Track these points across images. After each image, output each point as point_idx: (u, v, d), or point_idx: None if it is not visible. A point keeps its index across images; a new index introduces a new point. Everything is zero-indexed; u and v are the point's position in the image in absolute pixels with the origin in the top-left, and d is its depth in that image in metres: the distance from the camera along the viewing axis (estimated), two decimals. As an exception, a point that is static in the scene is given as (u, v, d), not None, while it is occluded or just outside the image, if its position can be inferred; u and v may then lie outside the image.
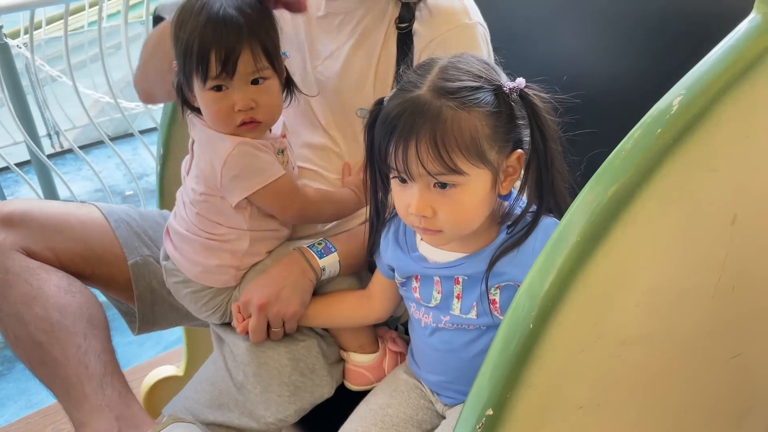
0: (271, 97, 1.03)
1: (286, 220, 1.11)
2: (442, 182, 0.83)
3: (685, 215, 0.76)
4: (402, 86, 0.86)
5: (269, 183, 1.04)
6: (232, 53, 0.97)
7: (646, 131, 0.70)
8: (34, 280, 1.12)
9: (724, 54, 0.71)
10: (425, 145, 0.80)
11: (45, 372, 1.11)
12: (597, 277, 0.72)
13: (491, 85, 0.84)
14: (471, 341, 0.94)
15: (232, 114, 1.01)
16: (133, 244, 1.22)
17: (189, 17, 0.99)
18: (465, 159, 0.81)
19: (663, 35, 1.06)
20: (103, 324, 1.16)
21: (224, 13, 0.97)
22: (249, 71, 1.00)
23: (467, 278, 0.92)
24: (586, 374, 0.78)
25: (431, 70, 0.85)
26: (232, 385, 1.07)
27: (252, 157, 1.03)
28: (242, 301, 1.07)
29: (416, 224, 0.87)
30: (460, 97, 0.82)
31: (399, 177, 0.85)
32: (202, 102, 1.03)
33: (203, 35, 0.97)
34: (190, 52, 0.98)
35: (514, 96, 0.84)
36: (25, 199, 1.34)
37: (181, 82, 1.04)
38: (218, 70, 0.98)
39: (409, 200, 0.85)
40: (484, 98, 0.83)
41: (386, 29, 1.12)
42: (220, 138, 1.04)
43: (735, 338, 0.88)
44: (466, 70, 0.84)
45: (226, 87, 1.00)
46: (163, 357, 2.10)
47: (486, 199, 0.86)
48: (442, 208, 0.84)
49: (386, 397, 1.04)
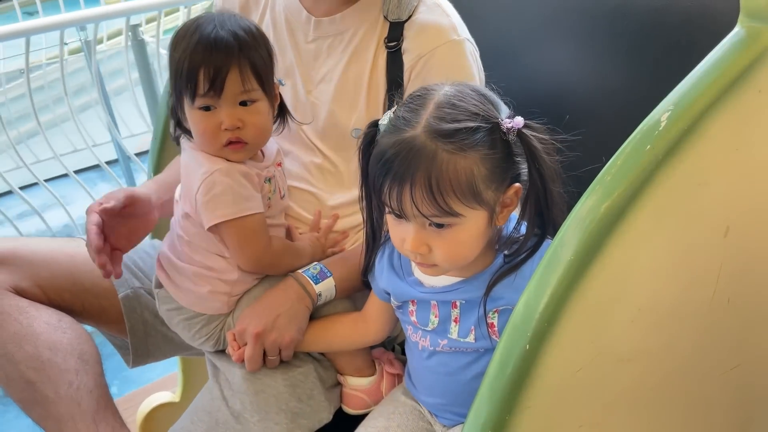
0: (259, 119, 1.03)
1: (239, 261, 1.07)
2: (438, 223, 0.82)
3: (678, 229, 0.76)
4: (396, 123, 0.84)
5: (236, 218, 1.03)
6: (220, 72, 0.97)
7: (636, 147, 0.71)
8: (24, 318, 1.11)
9: (710, 68, 0.71)
10: (420, 189, 0.79)
11: (37, 411, 1.10)
12: (592, 295, 0.72)
13: (488, 123, 0.82)
14: (469, 364, 0.94)
15: (219, 133, 1.01)
16: (123, 276, 1.21)
17: (183, 38, 1.00)
18: (460, 202, 0.81)
19: (650, 49, 1.07)
20: (95, 359, 1.15)
21: (216, 35, 0.98)
22: (237, 91, 0.99)
23: (465, 302, 0.91)
24: (584, 393, 0.77)
25: (426, 106, 0.83)
26: (229, 414, 1.05)
27: (226, 185, 1.02)
28: (238, 330, 1.06)
29: (411, 257, 0.87)
30: (457, 140, 0.80)
31: (394, 213, 0.85)
32: (190, 121, 1.03)
33: (194, 54, 0.98)
34: (181, 70, 0.99)
35: (512, 136, 0.82)
36: (11, 237, 1.34)
37: (174, 104, 1.04)
38: (206, 88, 0.98)
39: (405, 236, 0.85)
40: (481, 139, 0.81)
41: (375, 49, 1.12)
42: (200, 162, 1.03)
43: (733, 350, 0.88)
44: (463, 107, 0.82)
45: (214, 107, 1.00)
46: (159, 383, 2.09)
47: (483, 235, 0.86)
48: (438, 246, 0.84)
49: (384, 420, 1.03)
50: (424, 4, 1.12)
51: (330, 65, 1.15)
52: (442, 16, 1.11)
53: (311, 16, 1.15)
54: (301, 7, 1.16)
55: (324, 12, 1.15)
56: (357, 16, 1.13)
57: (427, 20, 1.10)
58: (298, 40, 1.17)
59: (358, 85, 1.13)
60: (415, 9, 1.11)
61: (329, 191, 1.17)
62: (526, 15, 1.28)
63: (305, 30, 1.16)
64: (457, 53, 1.09)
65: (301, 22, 1.17)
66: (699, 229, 0.77)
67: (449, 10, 1.13)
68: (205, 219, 1.04)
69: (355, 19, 1.13)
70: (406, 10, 1.11)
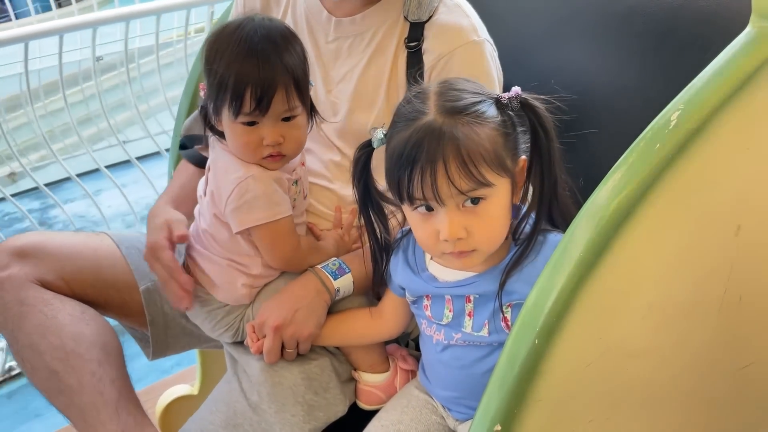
0: (299, 133, 1.05)
1: (270, 261, 1.10)
2: (474, 197, 0.84)
3: (688, 227, 0.76)
4: (402, 118, 0.87)
5: (269, 222, 1.05)
6: (268, 92, 0.98)
7: (646, 146, 0.71)
8: (49, 310, 1.14)
9: (721, 68, 0.71)
10: (454, 164, 0.81)
11: (61, 400, 1.12)
12: (602, 290, 0.72)
13: (491, 98, 0.86)
14: (482, 357, 0.95)
15: (260, 147, 1.02)
16: (144, 269, 1.23)
17: (226, 47, 0.99)
18: (491, 170, 0.83)
19: (665, 48, 1.07)
20: (117, 350, 1.18)
21: (262, 49, 0.98)
22: (282, 110, 1.01)
23: (478, 296, 0.93)
24: (594, 388, 0.78)
25: (428, 98, 0.86)
26: (246, 405, 1.07)
27: (258, 191, 1.04)
28: (257, 322, 1.08)
29: (448, 250, 0.87)
30: (472, 113, 0.83)
31: (424, 206, 0.86)
32: (229, 131, 1.04)
33: (240, 71, 0.97)
34: (225, 86, 0.98)
35: (515, 104, 0.86)
36: (37, 232, 1.37)
37: (208, 107, 1.05)
38: (252, 107, 0.98)
39: (438, 227, 0.85)
40: (489, 111, 0.85)
41: (395, 49, 1.13)
42: (235, 167, 1.05)
43: (744, 348, 0.88)
44: (464, 89, 0.86)
45: (256, 122, 1.01)
46: (178, 376, 2.12)
47: (509, 209, 0.88)
48: (475, 226, 0.85)
49: (398, 414, 1.05)
50: (444, 4, 1.13)
51: (350, 65, 1.16)
52: (462, 17, 1.12)
53: (332, 16, 1.17)
54: (322, 7, 1.18)
55: (345, 12, 1.16)
56: (377, 17, 1.14)
57: (448, 21, 1.11)
58: (318, 40, 1.19)
59: (378, 85, 1.14)
60: (436, 10, 1.12)
61: (348, 188, 1.18)
62: (543, 16, 1.29)
63: (326, 30, 1.18)
64: (477, 54, 1.10)
65: (322, 23, 1.18)
66: (709, 228, 0.78)
67: (469, 10, 1.14)
68: (236, 223, 1.05)
69: (375, 20, 1.15)
70: (426, 11, 1.12)
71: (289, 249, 1.09)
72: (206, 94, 1.04)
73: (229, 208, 1.05)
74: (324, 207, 1.20)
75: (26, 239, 1.21)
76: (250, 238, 1.09)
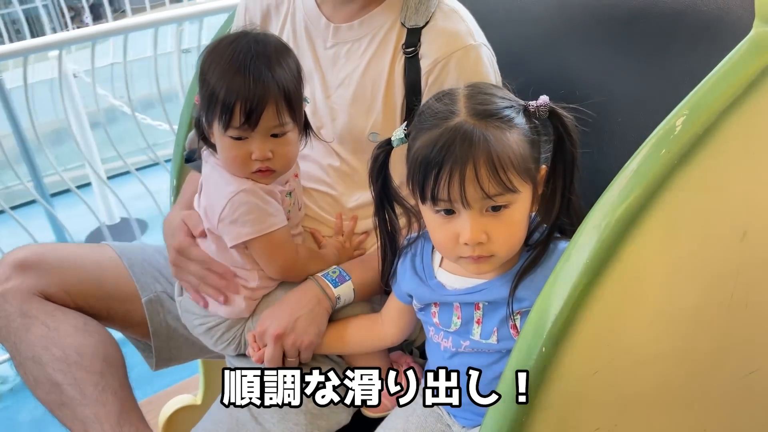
0: (288, 149, 1.05)
1: (270, 272, 1.10)
2: (497, 205, 0.83)
3: (694, 233, 0.76)
4: (429, 118, 0.86)
5: (263, 234, 1.05)
6: (257, 107, 0.98)
7: (651, 151, 0.71)
8: (51, 321, 1.14)
9: (725, 73, 0.71)
10: (484, 168, 0.80)
11: (64, 412, 1.12)
12: (608, 297, 0.72)
13: (519, 105, 0.86)
14: (491, 364, 0.94)
15: (249, 161, 1.02)
16: (147, 281, 1.23)
17: (219, 60, 1.00)
18: (518, 177, 0.83)
19: (668, 53, 1.06)
20: (120, 361, 1.18)
21: (254, 65, 0.98)
22: (271, 125, 1.01)
23: (487, 304, 0.92)
24: (601, 395, 0.78)
25: (457, 99, 0.86)
26: (249, 415, 1.07)
27: (252, 205, 1.04)
28: (258, 331, 1.07)
29: (466, 254, 0.86)
30: (502, 117, 0.83)
31: (446, 209, 0.85)
32: (220, 145, 1.04)
33: (231, 85, 0.98)
34: (215, 99, 0.99)
35: (542, 112, 0.86)
36: (39, 244, 1.37)
37: (201, 119, 1.05)
38: (241, 121, 0.99)
39: (458, 230, 0.85)
40: (517, 117, 0.85)
41: (393, 54, 1.13)
42: (227, 181, 1.05)
43: (751, 354, 0.88)
44: (494, 94, 0.86)
45: (246, 137, 1.01)
46: (181, 386, 2.11)
47: (528, 216, 0.88)
48: (496, 231, 0.84)
49: (402, 422, 1.04)
50: (441, 10, 1.13)
51: (348, 70, 1.16)
52: (459, 22, 1.12)
53: (330, 23, 1.17)
54: (320, 14, 1.18)
55: (343, 19, 1.16)
56: (375, 23, 1.15)
57: (444, 26, 1.12)
58: (317, 46, 1.19)
59: (376, 90, 1.14)
60: (432, 15, 1.12)
61: (348, 193, 1.18)
62: (544, 20, 1.28)
63: (324, 36, 1.18)
64: (474, 58, 1.10)
65: (320, 29, 1.18)
66: (715, 233, 0.77)
67: (466, 16, 1.14)
68: (231, 237, 1.05)
69: (373, 26, 1.15)
70: (423, 17, 1.12)
71: (287, 259, 1.08)
72: (199, 106, 1.05)
73: (222, 223, 1.05)
74: (325, 213, 1.20)
75: (28, 251, 1.21)
76: (245, 251, 1.09)
